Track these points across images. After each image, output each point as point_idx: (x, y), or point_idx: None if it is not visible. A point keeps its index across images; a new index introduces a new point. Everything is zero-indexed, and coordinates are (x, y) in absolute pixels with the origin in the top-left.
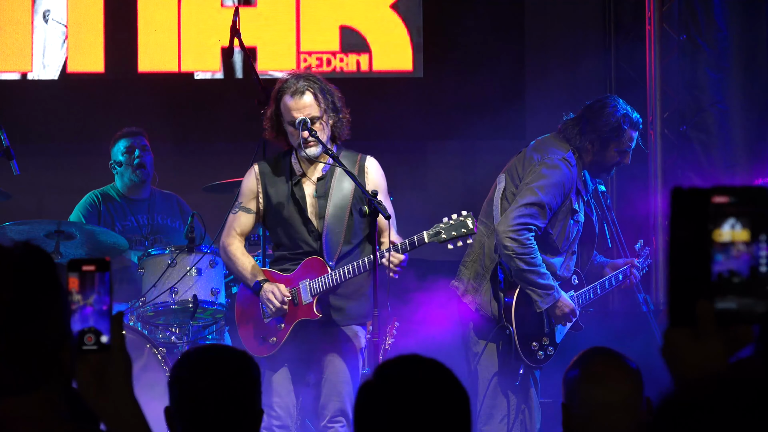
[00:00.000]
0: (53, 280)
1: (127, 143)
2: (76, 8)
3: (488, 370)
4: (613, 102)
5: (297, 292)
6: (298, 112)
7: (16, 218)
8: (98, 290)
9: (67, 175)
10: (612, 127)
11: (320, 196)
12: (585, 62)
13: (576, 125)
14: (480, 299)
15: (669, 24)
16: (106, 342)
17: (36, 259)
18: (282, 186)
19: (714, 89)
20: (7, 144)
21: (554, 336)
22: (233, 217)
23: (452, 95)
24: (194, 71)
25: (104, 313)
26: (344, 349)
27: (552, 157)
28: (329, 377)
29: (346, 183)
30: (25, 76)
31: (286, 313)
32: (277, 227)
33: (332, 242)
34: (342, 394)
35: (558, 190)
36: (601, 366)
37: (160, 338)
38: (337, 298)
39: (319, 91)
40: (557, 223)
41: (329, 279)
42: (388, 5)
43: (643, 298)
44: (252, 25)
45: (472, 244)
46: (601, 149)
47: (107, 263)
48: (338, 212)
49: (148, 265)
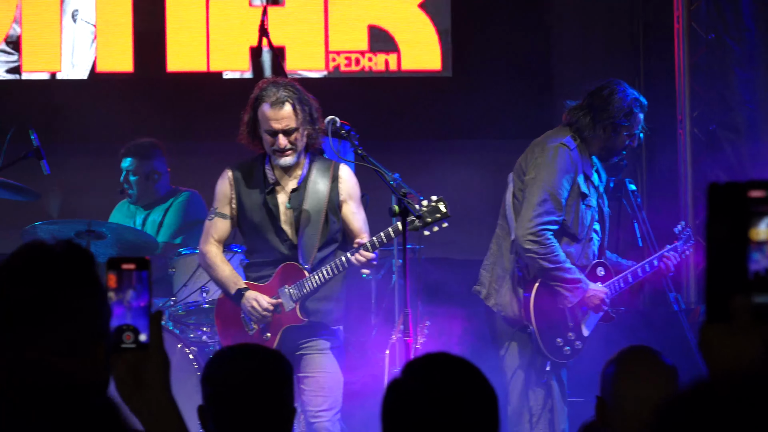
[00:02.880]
0: (93, 278)
1: (122, 165)
2: (105, 8)
3: (513, 369)
4: (620, 87)
5: (278, 302)
6: (277, 122)
7: (47, 218)
8: (137, 288)
9: (96, 175)
10: (625, 112)
11: (294, 208)
12: (613, 61)
13: (587, 114)
14: (501, 300)
15: (697, 23)
16: (145, 340)
17: (76, 256)
18: (255, 193)
19: (743, 88)
20: (37, 144)
21: (580, 330)
22: (210, 224)
23: (480, 95)
24: (223, 71)
25: (143, 311)
26: (323, 347)
27: (549, 145)
28: (312, 374)
29: (321, 189)
30: (55, 76)
31: (270, 321)
32: (250, 234)
33: (307, 247)
34: (325, 389)
35: (562, 176)
36: (637, 362)
37: (192, 337)
38: (314, 301)
39: (298, 102)
40: (569, 210)
41: (309, 283)
42: (416, 5)
43: (674, 297)
44: (280, 24)
45: (490, 247)
46: (614, 134)
47: (147, 262)
48: (313, 217)
49: (179, 264)
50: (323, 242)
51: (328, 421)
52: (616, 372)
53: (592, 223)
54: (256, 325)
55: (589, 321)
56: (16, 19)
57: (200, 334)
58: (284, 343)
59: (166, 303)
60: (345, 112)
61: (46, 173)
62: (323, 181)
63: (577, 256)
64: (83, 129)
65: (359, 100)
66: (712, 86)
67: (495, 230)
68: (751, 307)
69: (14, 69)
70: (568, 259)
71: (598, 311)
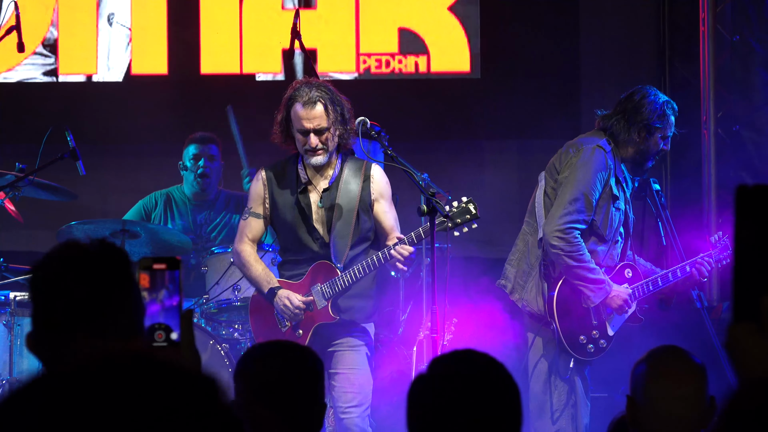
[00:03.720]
0: (126, 275)
1: (196, 150)
2: (140, 11)
3: (537, 365)
4: (651, 91)
5: (310, 300)
6: (309, 122)
7: (82, 218)
8: (169, 288)
9: (131, 176)
10: (658, 114)
11: (326, 207)
12: (639, 63)
13: (621, 119)
14: (527, 296)
15: (722, 25)
16: (176, 339)
17: (110, 255)
18: (288, 193)
19: (767, 89)
20: (73, 145)
21: (605, 329)
22: (244, 223)
23: (509, 96)
24: (256, 73)
25: (174, 310)
26: (354, 344)
27: (586, 147)
28: (342, 371)
29: (353, 189)
30: (91, 78)
31: (302, 319)
32: (283, 232)
33: (339, 245)
34: (355, 386)
35: (596, 178)
36: (667, 361)
37: (224, 334)
38: (345, 298)
39: (330, 102)
40: (599, 210)
41: (341, 281)
42: (446, 7)
43: (696, 294)
44: (312, 27)
45: (516, 243)
46: (648, 137)
47: (178, 262)
48: (345, 216)
49: (211, 263)
50: (355, 241)
51: (358, 417)
52: (647, 371)
53: (619, 225)
54: (289, 322)
55: (614, 321)
56: (53, 23)
57: (232, 331)
58: (316, 340)
59: (198, 301)
60: (375, 113)
61: (81, 174)
62: (355, 181)
63: (603, 256)
64: (118, 130)
65: (389, 101)
66: (736, 87)
67: (521, 227)
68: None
69: (51, 71)
70: (594, 258)
71: (621, 312)
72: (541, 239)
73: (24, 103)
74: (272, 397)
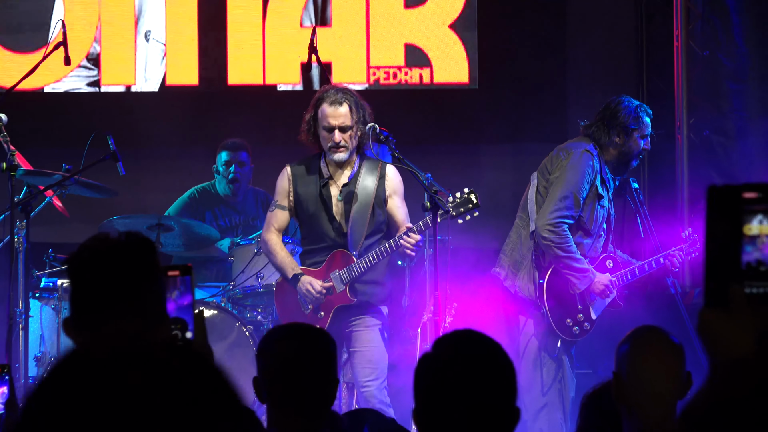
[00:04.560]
0: (153, 265)
1: (227, 157)
2: (174, 29)
3: (528, 344)
4: (625, 98)
5: (329, 285)
6: (335, 119)
7: (121, 213)
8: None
9: (165, 175)
10: (633, 116)
11: (345, 201)
12: (620, 75)
13: (601, 125)
14: (519, 282)
15: (694, 41)
16: (190, 337)
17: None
18: (311, 187)
19: (733, 98)
20: (114, 148)
21: (589, 313)
22: (271, 215)
23: (503, 104)
24: (277, 84)
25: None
26: (370, 323)
27: (575, 151)
28: (360, 349)
29: (369, 185)
30: (129, 89)
31: (323, 302)
32: (306, 223)
33: (356, 235)
34: (372, 362)
35: (584, 179)
36: (649, 341)
37: (248, 317)
38: (361, 283)
39: (354, 104)
40: (585, 208)
41: (357, 267)
42: (446, 25)
43: (671, 282)
44: (327, 43)
45: (510, 235)
46: (627, 138)
47: (189, 268)
48: (362, 209)
49: (237, 253)
50: (370, 232)
51: (376, 389)
52: (631, 350)
53: (603, 221)
54: (311, 305)
55: (597, 305)
56: (96, 39)
57: (255, 314)
58: (336, 321)
59: (225, 287)
60: (384, 119)
61: (121, 174)
62: (371, 178)
63: (588, 248)
64: (154, 135)
65: (396, 109)
66: (706, 97)
67: (515, 221)
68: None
69: (94, 82)
70: (580, 250)
71: (603, 297)
72: (533, 232)
73: (70, 110)
74: (290, 374)
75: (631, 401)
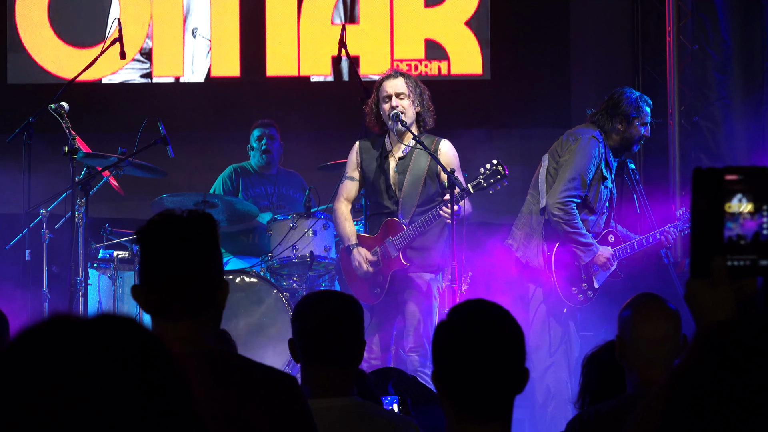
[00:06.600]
0: (213, 236)
1: (259, 132)
2: (218, 26)
3: (537, 310)
4: (627, 89)
5: (385, 250)
6: (391, 88)
7: (171, 191)
8: None
9: (210, 157)
10: (633, 106)
11: (400, 172)
12: (617, 66)
13: (605, 114)
14: (529, 253)
15: (684, 36)
16: None
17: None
18: (375, 159)
19: (719, 88)
20: (164, 133)
21: (592, 282)
22: (342, 186)
23: (513, 93)
24: (310, 75)
25: None
26: (418, 292)
27: (583, 136)
28: (407, 317)
29: (422, 159)
30: (178, 80)
31: (371, 272)
32: (369, 192)
33: (407, 205)
34: (418, 330)
35: (591, 162)
36: (649, 307)
37: (285, 285)
38: (413, 250)
39: (409, 80)
40: (591, 188)
41: (407, 234)
42: (462, 22)
43: (664, 253)
44: (355, 38)
45: (522, 210)
46: (629, 126)
47: None
48: (414, 181)
49: (275, 227)
50: (421, 202)
51: (420, 356)
52: (632, 315)
53: (606, 200)
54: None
55: (600, 276)
56: (148, 35)
57: (291, 283)
58: (393, 285)
59: (264, 258)
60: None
61: (170, 156)
62: (425, 153)
63: (592, 224)
64: (200, 121)
65: None
66: (695, 86)
67: (526, 197)
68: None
69: (147, 74)
70: (585, 226)
71: (605, 269)
72: (543, 208)
73: (125, 99)
74: (322, 336)
75: (633, 361)
